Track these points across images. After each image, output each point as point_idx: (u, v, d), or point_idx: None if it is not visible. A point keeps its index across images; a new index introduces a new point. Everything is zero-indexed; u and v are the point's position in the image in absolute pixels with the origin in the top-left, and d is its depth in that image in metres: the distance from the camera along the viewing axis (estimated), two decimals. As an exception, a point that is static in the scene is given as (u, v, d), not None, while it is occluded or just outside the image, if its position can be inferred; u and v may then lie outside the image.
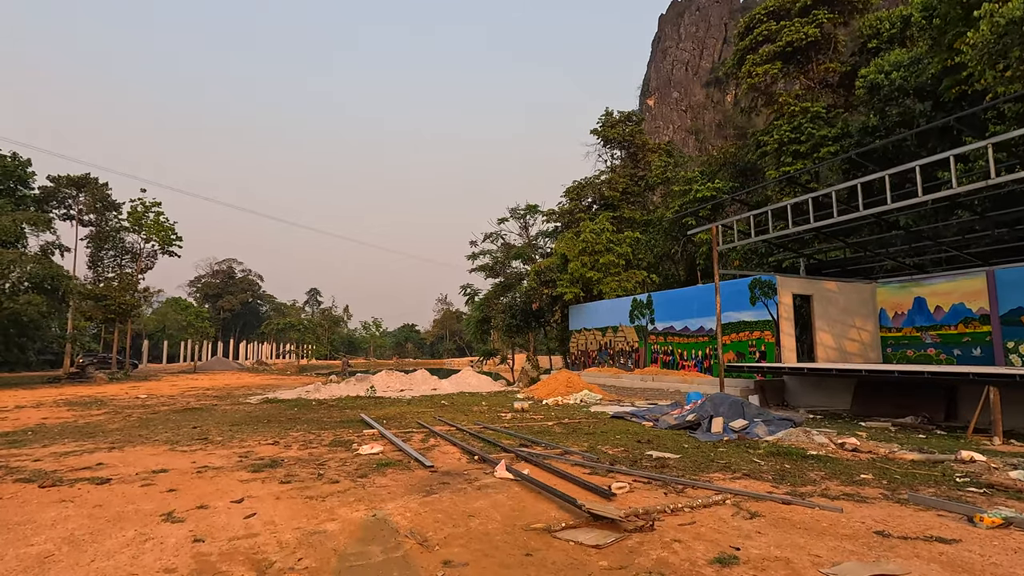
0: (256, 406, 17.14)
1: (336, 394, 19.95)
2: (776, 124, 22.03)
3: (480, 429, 11.40)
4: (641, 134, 31.65)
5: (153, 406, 17.59)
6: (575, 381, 19.07)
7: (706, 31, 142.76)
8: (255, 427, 12.08)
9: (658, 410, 12.49)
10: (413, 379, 23.85)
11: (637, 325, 22.12)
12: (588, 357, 25.42)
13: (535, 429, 11.33)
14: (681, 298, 19.93)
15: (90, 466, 7.90)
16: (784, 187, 21.54)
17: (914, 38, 19.89)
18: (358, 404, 17.14)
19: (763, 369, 15.29)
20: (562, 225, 31.15)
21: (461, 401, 17.72)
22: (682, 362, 19.52)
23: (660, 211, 28.03)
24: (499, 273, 34.33)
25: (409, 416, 13.87)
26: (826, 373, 12.95)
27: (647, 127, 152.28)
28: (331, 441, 10.01)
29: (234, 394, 22.48)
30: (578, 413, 14.14)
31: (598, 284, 25.59)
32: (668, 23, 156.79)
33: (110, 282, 45.77)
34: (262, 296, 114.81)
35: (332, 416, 14.10)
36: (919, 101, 17.73)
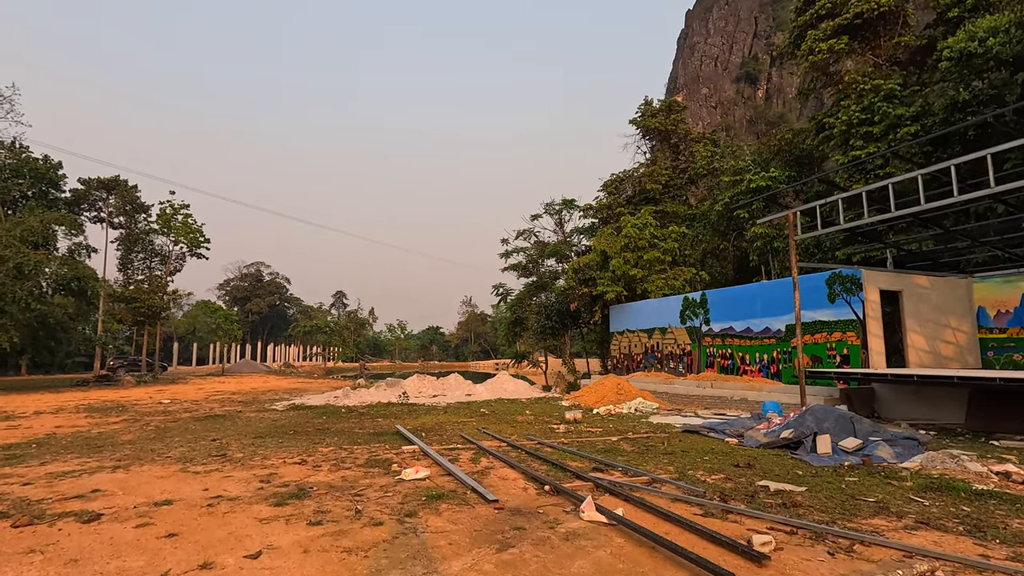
0: (282, 414, 15.91)
1: (366, 400, 18.65)
2: (843, 105, 20.02)
3: (535, 446, 9.85)
4: (683, 123, 29.80)
5: (174, 413, 16.50)
6: (626, 387, 17.39)
7: (736, 25, 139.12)
8: (280, 440, 10.75)
9: (739, 424, 10.77)
10: (446, 384, 22.46)
11: (689, 326, 20.30)
12: (632, 361, 23.67)
13: (599, 446, 9.72)
14: (742, 296, 18.08)
15: (84, 494, 6.59)
16: (853, 173, 19.52)
17: (1002, 4, 17.74)
18: (391, 412, 15.76)
19: (849, 375, 13.40)
20: (599, 221, 29.44)
21: (502, 409, 16.21)
22: (744, 366, 17.67)
23: (707, 204, 26.12)
24: (532, 272, 32.79)
25: (449, 427, 12.41)
26: (942, 381, 11.04)
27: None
28: (366, 460, 8.58)
29: (260, 399, 21.39)
30: (640, 425, 12.48)
31: (642, 282, 23.83)
32: (696, 18, 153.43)
33: (140, 284, 45.69)
34: (289, 299, 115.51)
35: (364, 427, 12.72)
36: (1018, 71, 15.61)
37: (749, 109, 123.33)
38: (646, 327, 22.85)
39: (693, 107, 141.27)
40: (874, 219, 12.37)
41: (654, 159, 29.87)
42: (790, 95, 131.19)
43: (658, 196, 27.88)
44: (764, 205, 23.59)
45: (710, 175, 27.27)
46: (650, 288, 23.52)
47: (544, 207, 30.81)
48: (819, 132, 22.22)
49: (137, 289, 43.91)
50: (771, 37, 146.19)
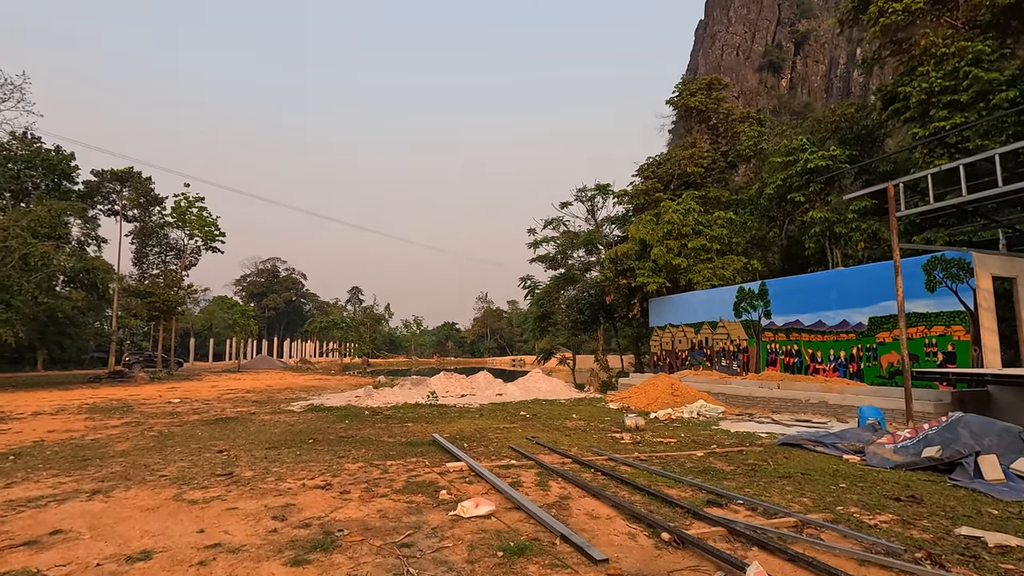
0: (299, 416, 14.29)
1: (390, 401, 16.99)
2: (920, 72, 17.85)
3: (607, 462, 8.05)
4: (725, 102, 27.70)
5: (182, 414, 14.97)
6: (681, 388, 15.51)
7: (758, 13, 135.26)
8: (298, 451, 9.07)
9: (851, 436, 8.84)
10: (475, 383, 20.75)
11: (745, 320, 18.33)
12: (675, 358, 21.73)
13: (688, 464, 7.89)
14: (811, 285, 16.05)
15: (38, 537, 4.92)
16: (935, 148, 17.36)
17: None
18: (420, 415, 14.06)
19: (956, 377, 11.39)
20: (634, 208, 27.47)
21: (544, 412, 14.42)
22: (814, 365, 15.67)
23: (754, 188, 24.03)
24: (560, 264, 30.92)
25: (492, 435, 10.66)
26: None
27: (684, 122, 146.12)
28: (405, 483, 6.85)
29: (275, 399, 19.86)
30: (717, 434, 10.60)
31: (687, 273, 21.86)
32: (716, 7, 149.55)
33: (155, 279, 44.69)
34: (305, 295, 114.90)
35: (393, 434, 11.01)
36: None
37: (773, 99, 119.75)
38: (693, 321, 20.89)
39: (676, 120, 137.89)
40: (1009, 188, 10.30)
41: (693, 141, 27.79)
42: (815, 84, 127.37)
43: (699, 180, 25.83)
44: (822, 187, 21.47)
45: (756, 157, 25.14)
46: (696, 279, 21.55)
47: (575, 194, 28.89)
48: (887, 105, 20.03)
49: (152, 283, 42.92)
50: (795, 24, 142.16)
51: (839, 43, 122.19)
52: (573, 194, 29.04)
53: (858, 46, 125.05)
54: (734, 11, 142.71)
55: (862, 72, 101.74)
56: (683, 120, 29.55)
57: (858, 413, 11.13)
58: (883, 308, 13.76)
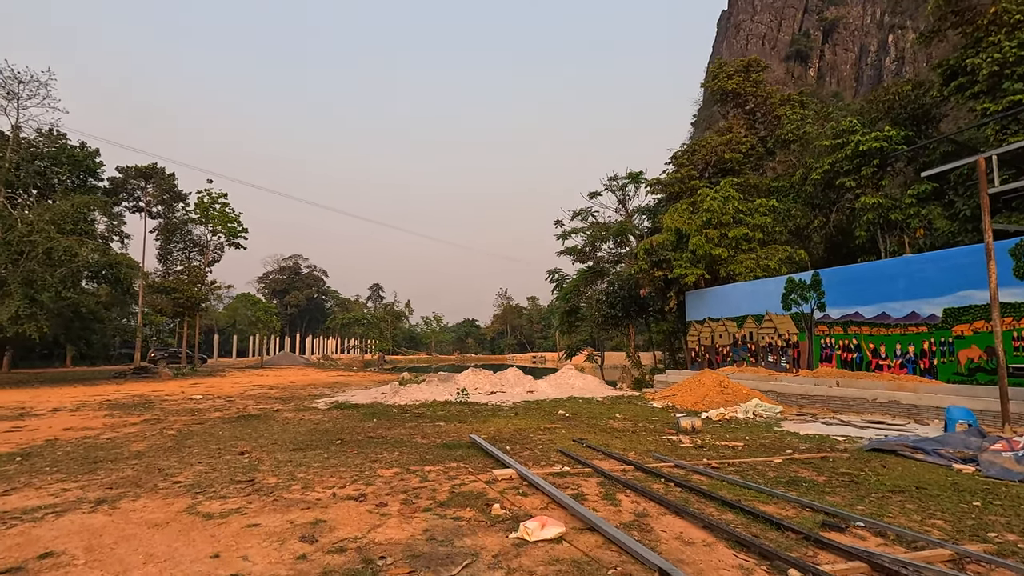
0: (324, 414, 13.53)
1: (418, 398, 16.15)
2: (990, 42, 16.37)
3: (673, 469, 7.05)
4: (764, 84, 26.27)
5: (204, 411, 14.34)
6: (732, 386, 14.38)
7: (785, 1, 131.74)
8: (325, 454, 8.24)
9: (956, 442, 7.69)
10: (504, 380, 19.81)
11: (795, 313, 17.07)
12: (716, 354, 20.53)
13: (766, 472, 6.84)
14: (873, 275, 14.75)
15: (24, 562, 4.12)
16: (1008, 124, 15.89)
17: None
18: (451, 414, 13.19)
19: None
20: (666, 197, 26.25)
21: (584, 411, 13.43)
22: (877, 361, 14.38)
23: (797, 174, 22.63)
24: (588, 257, 29.82)
25: (534, 437, 9.72)
26: None
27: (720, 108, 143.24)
28: (449, 493, 5.94)
29: (299, 395, 19.21)
30: (791, 439, 9.49)
31: (727, 264, 20.61)
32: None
33: (179, 275, 44.75)
34: (326, 292, 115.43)
35: (426, 434, 10.14)
36: None
37: (800, 89, 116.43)
38: (735, 315, 19.67)
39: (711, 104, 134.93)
40: None
41: (729, 126, 26.42)
42: (845, 73, 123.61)
43: (737, 167, 24.49)
44: (875, 171, 20.02)
45: (799, 142, 23.71)
46: (737, 270, 20.29)
47: (605, 182, 27.70)
48: (948, 80, 18.52)
49: (176, 280, 42.96)
50: (823, 12, 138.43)
51: (870, 30, 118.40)
52: (603, 184, 27.90)
53: (890, 33, 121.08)
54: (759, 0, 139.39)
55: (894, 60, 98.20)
56: (718, 104, 28.20)
57: (945, 415, 9.91)
58: (961, 298, 12.46)
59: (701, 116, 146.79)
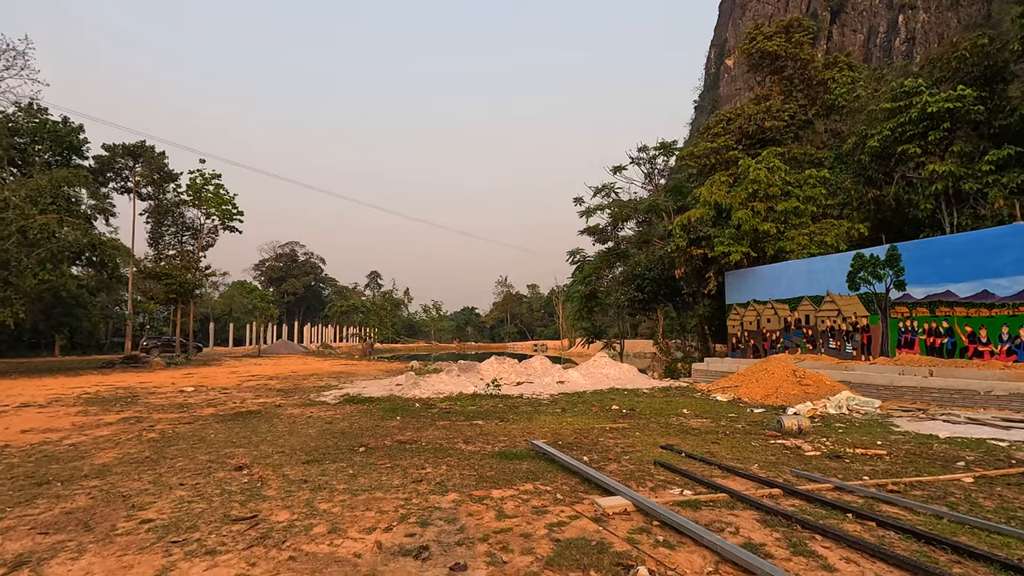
0: (336, 410, 11.52)
1: (441, 390, 14.16)
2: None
3: (835, 492, 5.08)
4: (809, 47, 24.08)
5: (195, 406, 12.32)
6: (810, 376, 12.43)
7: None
8: (349, 467, 6.25)
9: None
10: (531, 369, 17.87)
11: (865, 293, 15.09)
12: (763, 340, 18.58)
13: (973, 498, 4.88)
14: (970, 247, 12.74)
15: None
16: (1118, 75, 13.90)
17: None
18: (486, 410, 11.21)
19: None
20: (698, 171, 24.16)
21: (642, 406, 11.46)
22: (976, 346, 12.44)
23: (850, 141, 20.53)
24: (610, 237, 27.79)
25: (605, 440, 7.76)
26: None
27: (725, 90, 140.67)
28: (552, 544, 3.95)
29: (303, 386, 17.20)
30: (938, 444, 7.53)
31: (776, 240, 18.60)
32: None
33: (171, 260, 42.53)
34: (324, 279, 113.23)
35: (468, 437, 8.15)
36: None
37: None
38: (787, 296, 17.69)
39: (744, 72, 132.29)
40: None
41: (766, 94, 24.29)
42: (854, 54, 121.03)
43: (779, 137, 22.38)
44: (945, 136, 17.96)
45: (849, 108, 21.59)
46: (788, 247, 18.29)
47: (634, 154, 25.54)
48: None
49: (169, 264, 40.73)
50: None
51: (879, 11, 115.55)
52: (629, 156, 25.75)
53: (900, 13, 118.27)
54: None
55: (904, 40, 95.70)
56: (749, 72, 25.99)
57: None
58: (1093, 272, 10.49)
59: (705, 100, 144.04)
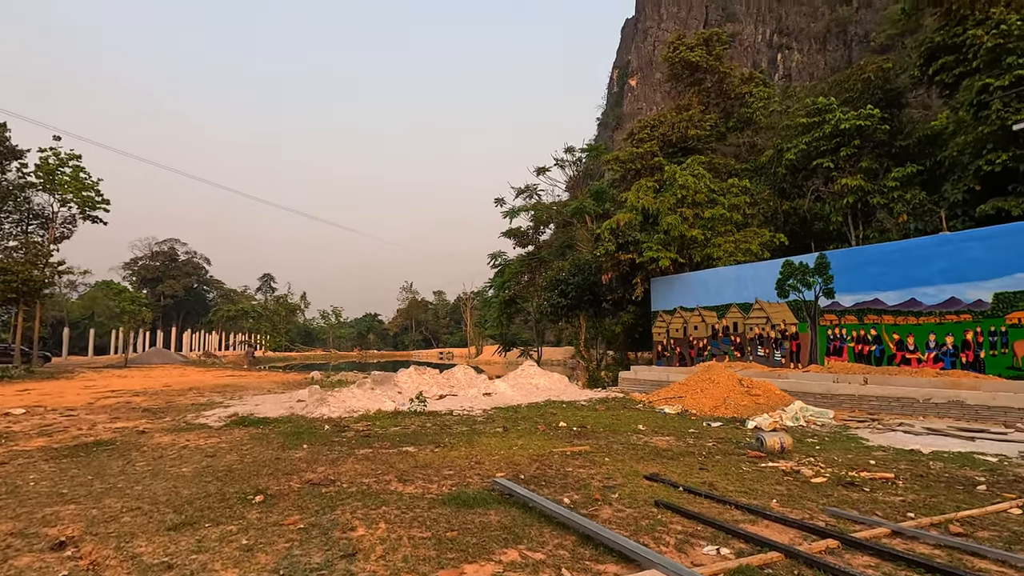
0: (222, 435, 9.13)
1: (354, 407, 12.03)
2: (992, 14, 15.49)
3: (892, 539, 4.02)
4: (725, 62, 24.72)
5: (17, 437, 9.29)
6: (759, 386, 11.89)
7: (688, 12, 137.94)
8: (237, 530, 4.28)
9: None
10: (454, 380, 16.16)
11: (794, 300, 15.12)
12: (689, 347, 18.32)
13: None
14: (897, 256, 12.99)
15: None
16: (1011, 102, 15.00)
17: None
18: (414, 432, 9.40)
19: None
20: (623, 176, 23.87)
21: (589, 421, 10.22)
22: (903, 353, 12.64)
23: (766, 154, 21.15)
24: (531, 240, 26.81)
25: (573, 471, 6.38)
26: None
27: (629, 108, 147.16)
28: None
29: (178, 404, 14.17)
30: (927, 461, 6.89)
31: (704, 247, 18.47)
32: (648, 3, 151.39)
33: (12, 253, 35.63)
34: (209, 281, 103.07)
35: (402, 471, 6.38)
36: None
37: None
38: (715, 303, 17.52)
39: (647, 91, 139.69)
40: None
41: (688, 103, 24.61)
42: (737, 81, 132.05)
43: (701, 146, 22.62)
44: (854, 153, 18.82)
45: (767, 121, 22.30)
46: (715, 254, 18.23)
47: (563, 153, 24.71)
48: (929, 59, 17.61)
49: (8, 259, 33.98)
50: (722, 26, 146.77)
51: (761, 48, 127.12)
52: (554, 158, 24.92)
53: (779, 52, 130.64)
54: (665, 8, 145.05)
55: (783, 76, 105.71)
56: (672, 81, 26.33)
57: (1071, 420, 7.92)
58: (1018, 281, 10.86)
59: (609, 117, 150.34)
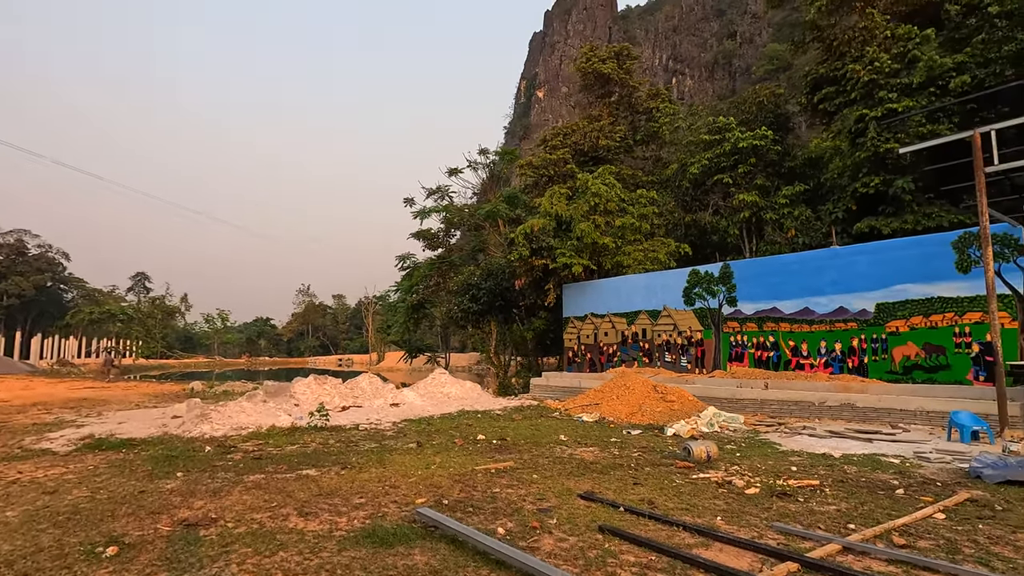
0: (69, 463, 7.47)
1: (242, 423, 10.57)
2: (866, 52, 17.09)
3: (846, 557, 3.85)
4: (633, 76, 25.57)
5: None
6: (674, 392, 12.03)
7: (593, 31, 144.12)
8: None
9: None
10: (358, 390, 14.98)
11: (700, 308, 15.67)
12: (600, 353, 18.47)
13: (962, 548, 4.07)
14: (795, 268, 13.81)
15: None
16: (882, 132, 16.60)
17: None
18: (315, 451, 8.32)
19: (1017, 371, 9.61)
20: (536, 182, 23.83)
21: (509, 433, 9.68)
22: (798, 359, 13.43)
23: (671, 167, 22.06)
24: (441, 243, 26.01)
25: (501, 492, 5.82)
26: None
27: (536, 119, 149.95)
28: None
29: (14, 424, 11.73)
30: (848, 466, 7.05)
31: (615, 255, 18.77)
32: (556, 19, 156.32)
33: None
34: (67, 279, 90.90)
35: (302, 502, 5.42)
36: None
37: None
38: (625, 310, 17.80)
39: (553, 103, 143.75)
40: None
41: (599, 114, 25.13)
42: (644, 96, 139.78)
43: (611, 157, 23.14)
44: (750, 171, 20.10)
45: (672, 136, 23.28)
46: (626, 262, 18.58)
47: (470, 158, 24.11)
48: (812, 89, 19.24)
49: None
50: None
51: (658, 72, 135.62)
52: (467, 159, 24.33)
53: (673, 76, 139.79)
54: (572, 26, 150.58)
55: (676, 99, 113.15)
56: (586, 91, 26.80)
57: (951, 421, 8.61)
58: (896, 292, 11.86)
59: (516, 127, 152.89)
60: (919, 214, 16.16)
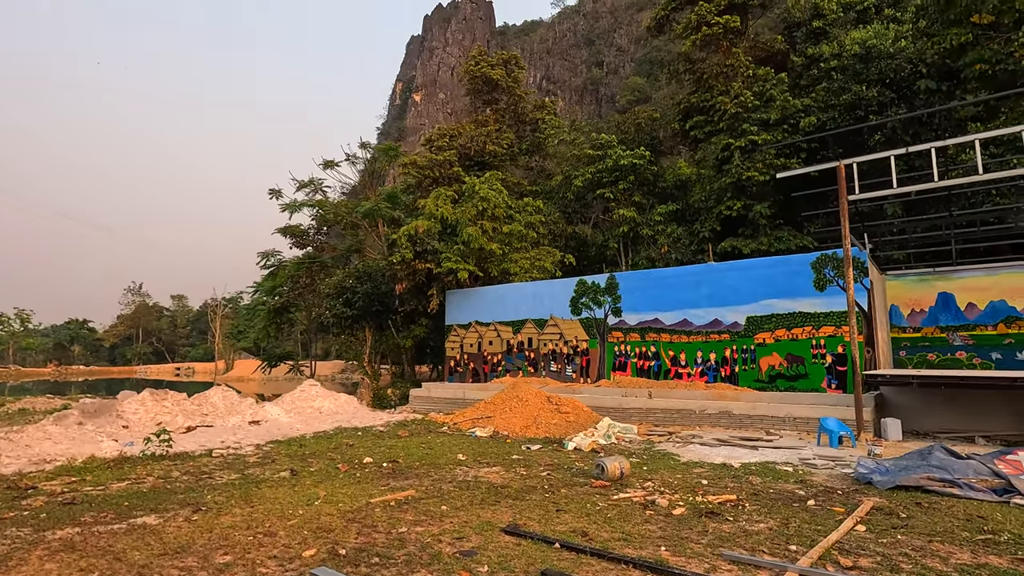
0: None
1: (48, 454, 8.20)
2: (732, 87, 18.68)
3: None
4: (520, 86, 25.59)
5: None
6: (568, 403, 11.77)
7: (472, 41, 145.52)
8: None
9: (961, 468, 6.37)
10: (208, 406, 12.76)
11: (586, 318, 15.78)
12: (484, 363, 17.88)
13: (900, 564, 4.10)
14: (675, 281, 14.41)
15: None
16: (744, 160, 18.15)
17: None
18: (153, 490, 6.61)
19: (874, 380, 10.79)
20: (415, 184, 22.74)
21: (399, 454, 8.62)
22: (676, 368, 13.98)
23: (556, 178, 22.31)
24: (311, 241, 23.77)
25: (411, 534, 4.95)
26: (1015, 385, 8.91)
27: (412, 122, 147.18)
28: None
29: None
30: (752, 477, 7.10)
31: (502, 261, 18.37)
32: (435, 24, 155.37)
33: None
34: None
35: (139, 566, 4.01)
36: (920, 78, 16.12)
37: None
38: (511, 319, 17.44)
39: (431, 109, 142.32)
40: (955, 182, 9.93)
41: (486, 120, 24.76)
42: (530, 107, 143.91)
43: (499, 163, 22.85)
44: (629, 187, 21.00)
45: (557, 148, 23.64)
46: (512, 269, 18.29)
47: (348, 152, 22.20)
48: (685, 117, 20.72)
49: None
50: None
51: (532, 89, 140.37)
52: (345, 152, 22.46)
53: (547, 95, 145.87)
54: (451, 34, 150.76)
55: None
56: (473, 95, 26.29)
57: (820, 426, 9.30)
58: (764, 307, 12.82)
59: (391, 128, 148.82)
60: (772, 237, 17.99)
